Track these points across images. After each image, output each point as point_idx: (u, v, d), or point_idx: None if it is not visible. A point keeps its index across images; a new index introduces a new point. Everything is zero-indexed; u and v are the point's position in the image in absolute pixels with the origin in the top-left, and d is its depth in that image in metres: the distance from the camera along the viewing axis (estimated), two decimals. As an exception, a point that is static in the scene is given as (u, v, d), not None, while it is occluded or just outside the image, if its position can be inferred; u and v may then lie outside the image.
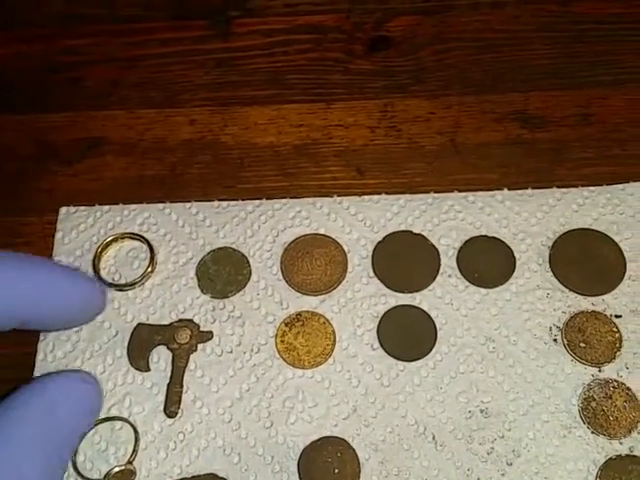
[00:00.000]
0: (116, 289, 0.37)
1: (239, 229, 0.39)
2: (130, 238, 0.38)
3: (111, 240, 0.38)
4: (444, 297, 0.37)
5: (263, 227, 0.39)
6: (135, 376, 0.35)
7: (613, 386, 0.34)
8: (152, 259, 0.38)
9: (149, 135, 0.43)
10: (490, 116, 0.42)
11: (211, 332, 0.36)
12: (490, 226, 0.39)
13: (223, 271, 0.38)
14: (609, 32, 0.45)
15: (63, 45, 0.46)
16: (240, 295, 0.37)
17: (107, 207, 0.40)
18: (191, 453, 0.34)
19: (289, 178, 0.41)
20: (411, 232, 0.38)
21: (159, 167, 0.42)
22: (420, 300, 0.37)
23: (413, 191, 0.40)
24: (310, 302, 0.37)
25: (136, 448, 0.34)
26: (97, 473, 0.33)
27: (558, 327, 0.36)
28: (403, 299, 0.37)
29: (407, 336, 0.36)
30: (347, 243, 0.38)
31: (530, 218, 0.39)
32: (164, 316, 0.37)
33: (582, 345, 0.35)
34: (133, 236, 0.38)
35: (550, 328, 0.36)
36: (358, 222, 0.39)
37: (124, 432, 0.34)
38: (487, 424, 0.34)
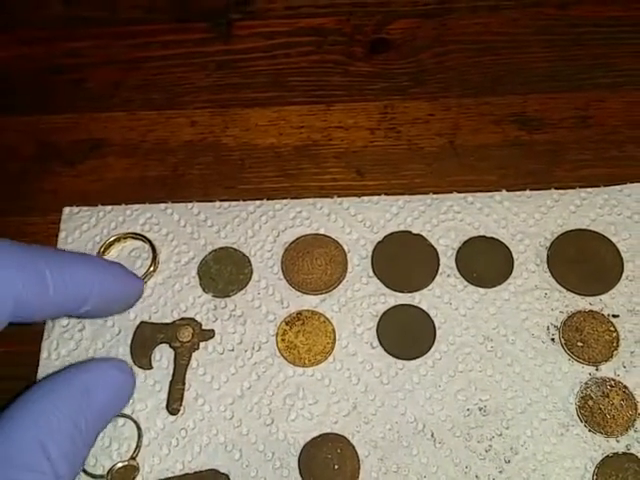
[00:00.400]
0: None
1: (240, 229, 0.39)
2: (132, 238, 0.39)
3: (114, 240, 0.38)
4: (443, 297, 0.37)
5: (264, 227, 0.39)
6: (138, 374, 0.36)
7: (610, 385, 0.35)
8: (154, 259, 0.38)
9: (151, 136, 0.43)
10: (489, 118, 0.43)
11: (213, 330, 0.36)
12: (489, 227, 0.39)
13: (224, 270, 0.38)
14: (607, 35, 0.45)
15: (65, 47, 0.46)
16: (241, 294, 0.38)
17: (110, 207, 0.40)
18: (193, 449, 0.34)
19: (290, 179, 0.41)
20: (410, 232, 0.39)
21: (161, 168, 0.42)
22: (419, 299, 0.37)
23: (412, 192, 0.40)
24: (310, 301, 0.37)
25: (139, 444, 0.34)
26: (100, 469, 0.33)
27: (556, 326, 0.36)
28: (402, 298, 0.37)
29: (406, 335, 0.36)
30: (347, 243, 0.39)
31: (528, 219, 0.39)
32: (166, 315, 0.37)
33: (579, 344, 0.36)
34: (135, 236, 0.39)
35: (548, 327, 0.36)
36: (358, 222, 0.39)
37: (127, 428, 0.34)
38: (485, 422, 0.34)
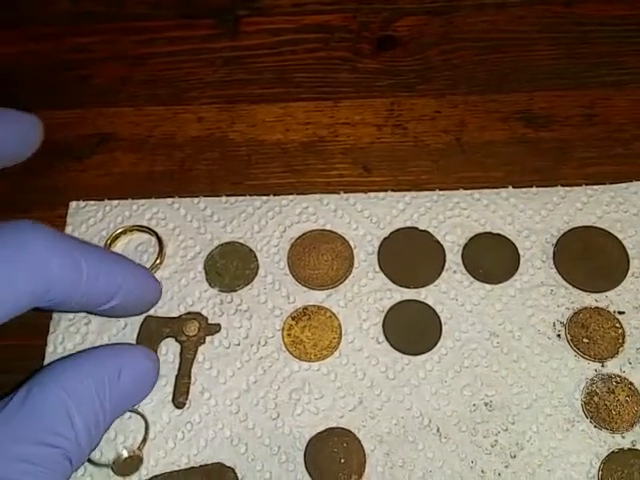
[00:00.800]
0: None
1: (247, 224, 0.39)
2: (139, 231, 0.39)
3: (120, 233, 0.39)
4: (449, 292, 0.37)
5: (270, 223, 0.39)
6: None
7: (616, 381, 0.35)
8: (161, 251, 0.38)
9: (158, 131, 0.43)
10: (495, 115, 0.43)
11: (219, 325, 0.37)
12: (495, 223, 0.39)
13: (231, 265, 0.38)
14: (613, 33, 0.45)
15: (72, 43, 0.46)
16: (248, 289, 0.38)
17: (116, 202, 0.40)
18: (199, 443, 0.34)
19: (296, 175, 0.41)
20: (417, 229, 0.39)
21: (168, 163, 0.42)
22: (425, 295, 0.37)
23: (419, 188, 0.40)
24: (317, 296, 0.37)
25: (146, 436, 0.34)
26: (105, 461, 0.33)
27: (562, 323, 0.36)
28: (408, 294, 0.37)
29: (412, 330, 0.36)
30: (353, 239, 0.39)
31: (534, 215, 0.39)
32: (172, 309, 0.37)
33: (585, 341, 0.36)
34: (142, 229, 0.39)
35: (554, 324, 0.36)
36: (364, 218, 0.39)
37: (133, 421, 0.34)
38: (491, 417, 0.34)
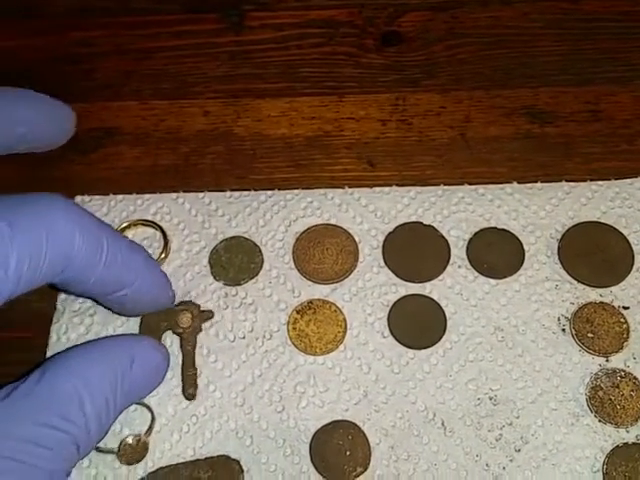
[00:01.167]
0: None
1: (251, 219, 0.39)
2: (143, 225, 0.39)
3: (125, 227, 0.38)
4: (454, 287, 0.37)
5: (275, 217, 0.39)
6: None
7: (620, 376, 0.35)
8: (165, 246, 0.38)
9: (163, 126, 0.43)
10: (500, 111, 0.43)
11: (211, 311, 0.36)
12: (500, 218, 0.39)
13: (235, 259, 0.38)
14: (618, 30, 0.45)
15: (77, 37, 0.47)
16: (253, 283, 0.38)
17: (121, 196, 0.40)
18: (204, 436, 0.34)
19: (301, 169, 0.41)
20: (421, 223, 0.39)
21: (173, 157, 0.42)
22: (430, 290, 0.37)
23: (424, 183, 0.40)
24: (321, 290, 0.37)
25: (152, 425, 0.34)
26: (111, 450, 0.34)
27: (566, 317, 0.36)
28: (413, 288, 0.37)
29: (417, 325, 0.36)
30: (358, 233, 0.39)
31: (539, 211, 0.39)
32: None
33: (590, 335, 0.36)
34: (146, 223, 0.39)
35: (558, 318, 0.36)
36: (369, 213, 0.39)
37: (138, 414, 0.34)
38: (496, 411, 0.34)
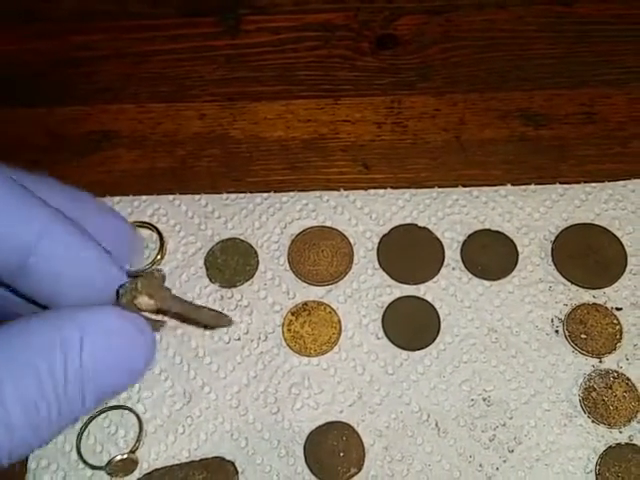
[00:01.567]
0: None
1: (247, 221, 0.40)
2: (140, 227, 0.39)
3: (122, 229, 0.39)
4: (448, 289, 0.38)
5: (271, 219, 0.40)
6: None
7: (613, 376, 0.35)
8: (162, 247, 0.38)
9: (160, 129, 0.43)
10: (495, 113, 0.43)
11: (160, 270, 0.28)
12: (494, 220, 0.39)
13: (231, 261, 0.38)
14: (612, 32, 0.45)
15: (77, 41, 0.47)
16: (248, 285, 0.38)
17: (118, 198, 0.40)
18: (199, 437, 0.34)
19: (297, 172, 0.42)
20: (416, 225, 0.39)
21: (169, 160, 0.42)
22: (424, 291, 0.38)
23: (418, 186, 0.41)
24: (316, 292, 0.38)
25: (140, 438, 0.34)
26: (107, 455, 0.34)
27: (560, 319, 0.37)
28: (408, 290, 0.38)
29: (411, 326, 0.36)
30: (353, 235, 0.39)
31: (533, 213, 0.39)
32: (173, 304, 0.37)
33: (583, 336, 0.36)
34: (143, 225, 0.39)
35: (552, 320, 0.37)
36: (364, 215, 0.40)
37: (133, 416, 0.35)
38: (489, 412, 0.35)
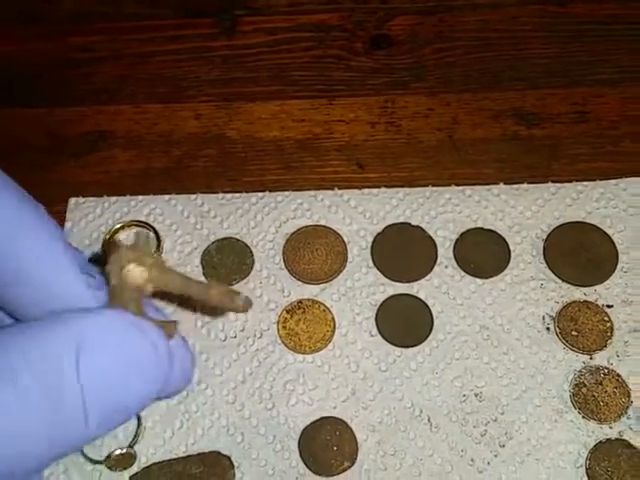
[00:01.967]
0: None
1: (243, 220, 0.40)
2: (137, 226, 0.40)
3: (118, 228, 0.39)
4: (441, 287, 0.38)
5: (266, 218, 0.40)
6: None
7: (604, 373, 0.35)
8: (158, 247, 0.39)
9: (156, 129, 0.44)
10: (488, 113, 0.43)
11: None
12: (486, 219, 0.40)
13: (227, 260, 0.39)
14: (605, 32, 0.46)
15: (75, 42, 0.47)
16: (244, 283, 0.38)
17: (114, 198, 0.41)
18: (196, 432, 0.35)
19: (291, 171, 0.42)
20: (409, 224, 0.40)
21: (165, 160, 0.43)
22: (417, 289, 0.38)
23: (412, 185, 0.41)
24: (311, 290, 0.38)
25: (138, 433, 0.35)
26: (107, 449, 0.34)
27: (551, 316, 0.37)
28: (401, 288, 0.38)
29: (404, 323, 0.37)
30: (347, 234, 0.40)
31: (525, 211, 0.40)
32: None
33: (574, 333, 0.36)
34: (139, 224, 0.40)
35: (543, 317, 0.37)
36: (358, 214, 0.40)
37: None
38: (481, 408, 0.35)
